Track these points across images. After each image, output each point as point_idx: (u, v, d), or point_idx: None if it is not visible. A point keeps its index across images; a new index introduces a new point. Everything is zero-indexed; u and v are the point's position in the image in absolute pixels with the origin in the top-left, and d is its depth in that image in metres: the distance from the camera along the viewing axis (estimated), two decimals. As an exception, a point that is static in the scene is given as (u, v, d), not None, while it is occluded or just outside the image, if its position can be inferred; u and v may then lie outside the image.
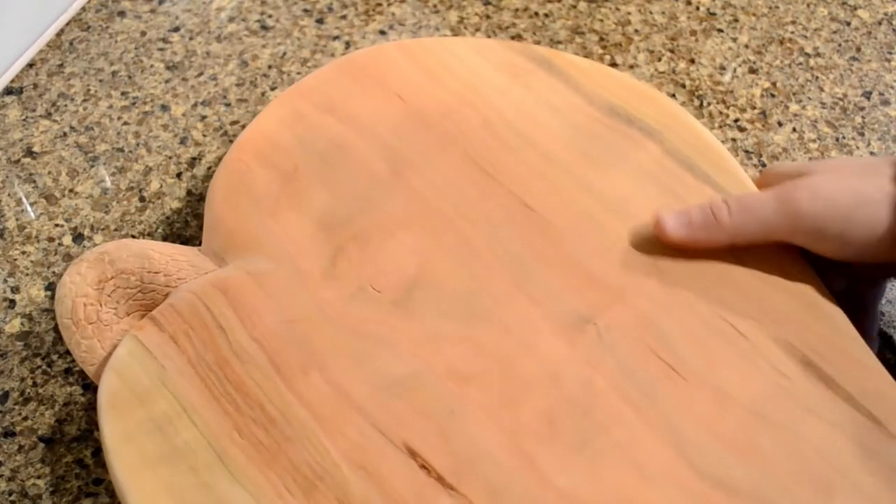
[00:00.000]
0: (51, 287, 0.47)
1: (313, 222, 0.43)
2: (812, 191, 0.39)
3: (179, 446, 0.37)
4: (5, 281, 0.47)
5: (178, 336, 0.39)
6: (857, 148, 0.52)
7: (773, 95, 0.55)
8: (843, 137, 0.53)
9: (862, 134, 0.53)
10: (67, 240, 0.49)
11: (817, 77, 0.57)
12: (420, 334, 0.40)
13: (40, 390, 0.43)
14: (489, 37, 0.58)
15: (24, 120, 0.54)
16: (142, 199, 0.49)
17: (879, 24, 0.60)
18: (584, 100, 0.47)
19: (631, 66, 0.57)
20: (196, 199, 0.51)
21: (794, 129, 0.53)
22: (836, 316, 0.40)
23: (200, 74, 0.56)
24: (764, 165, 0.52)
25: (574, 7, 0.60)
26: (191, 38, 0.58)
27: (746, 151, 0.52)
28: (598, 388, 0.38)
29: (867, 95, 0.56)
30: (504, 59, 0.49)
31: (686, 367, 0.39)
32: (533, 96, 0.48)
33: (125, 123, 0.54)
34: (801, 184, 0.39)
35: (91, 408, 0.43)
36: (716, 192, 0.44)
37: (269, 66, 0.57)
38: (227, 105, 0.55)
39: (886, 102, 0.55)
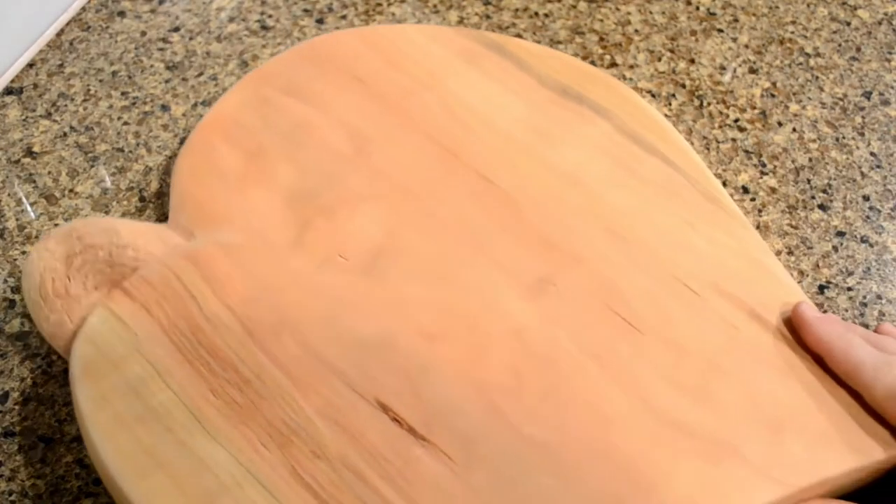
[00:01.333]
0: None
1: (280, 197, 0.44)
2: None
3: (155, 407, 0.37)
4: (5, 281, 0.46)
5: (150, 305, 0.40)
6: (857, 148, 0.53)
7: (773, 95, 0.55)
8: (843, 137, 0.53)
9: (862, 134, 0.53)
10: (69, 240, 0.49)
11: (817, 77, 0.56)
12: (388, 297, 0.41)
13: (40, 390, 0.42)
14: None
15: (24, 120, 0.53)
16: (142, 199, 0.49)
17: (879, 24, 0.60)
18: (537, 81, 0.50)
19: (631, 66, 0.57)
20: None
21: (794, 129, 0.53)
22: (780, 273, 0.43)
23: (200, 74, 0.55)
24: (764, 165, 0.52)
25: (574, 7, 0.61)
26: (191, 38, 0.58)
27: (746, 151, 0.52)
28: (559, 343, 0.40)
29: (867, 95, 0.56)
30: (459, 45, 0.51)
31: (642, 321, 0.41)
32: (488, 79, 0.50)
33: (125, 123, 0.53)
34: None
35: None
36: (664, 163, 0.46)
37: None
38: (228, 105, 0.54)
39: (886, 102, 0.55)
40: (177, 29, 0.59)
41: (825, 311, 0.45)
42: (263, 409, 0.37)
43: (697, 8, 0.61)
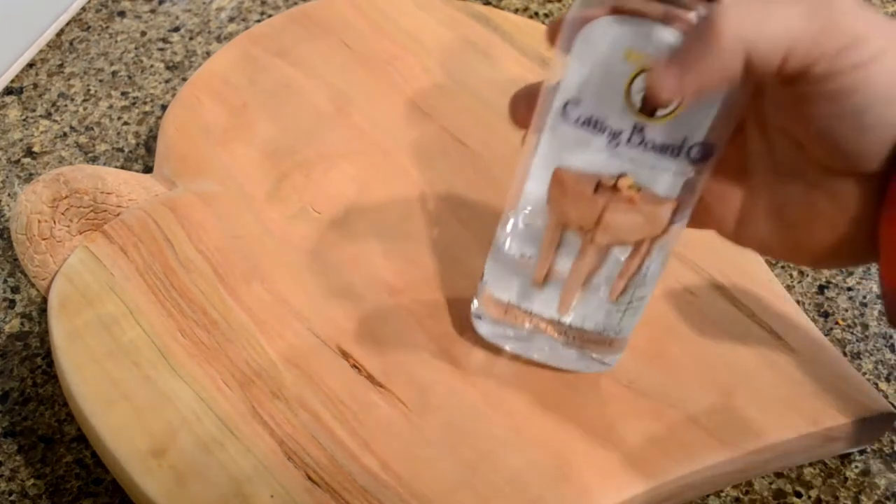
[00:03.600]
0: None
1: (260, 152, 0.46)
2: None
3: (125, 344, 0.39)
4: (5, 281, 0.46)
5: (128, 247, 0.42)
6: None
7: None
8: None
9: None
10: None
11: None
12: (356, 250, 0.42)
13: (40, 390, 0.42)
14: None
15: (24, 120, 0.54)
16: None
17: None
18: (518, 51, 0.51)
19: None
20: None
21: None
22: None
23: (200, 74, 0.56)
24: None
25: None
26: (191, 38, 0.58)
27: None
28: (521, 301, 0.41)
29: None
30: (445, 14, 0.53)
31: (603, 284, 0.42)
32: (471, 48, 0.51)
33: (125, 123, 0.53)
34: None
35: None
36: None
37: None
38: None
39: None
40: (177, 29, 0.59)
41: (825, 312, 0.45)
42: (228, 351, 0.39)
43: None
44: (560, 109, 0.31)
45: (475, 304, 0.38)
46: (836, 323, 0.45)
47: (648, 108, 0.30)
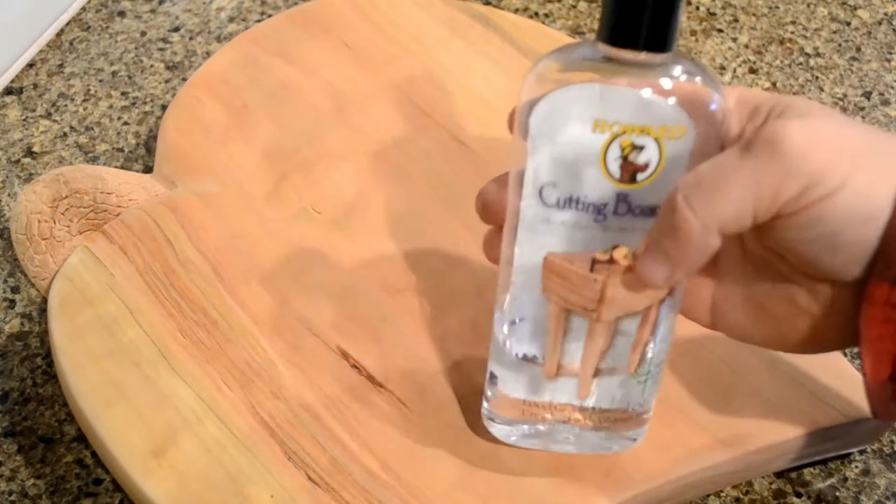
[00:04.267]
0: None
1: (260, 152, 0.46)
2: (803, 122, 0.28)
3: (125, 344, 0.39)
4: (5, 281, 0.46)
5: (128, 247, 0.42)
6: None
7: None
8: None
9: None
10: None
11: (817, 77, 0.56)
12: (356, 251, 0.42)
13: (40, 390, 0.42)
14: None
15: (24, 120, 0.53)
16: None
17: (879, 24, 0.60)
18: (519, 52, 0.51)
19: None
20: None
21: None
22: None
23: (200, 74, 0.56)
24: None
25: (574, 7, 0.61)
26: (191, 38, 0.58)
27: None
28: (520, 301, 0.41)
29: (867, 95, 0.55)
30: (446, 14, 0.53)
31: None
32: (471, 48, 0.51)
33: (125, 123, 0.53)
34: (784, 123, 0.27)
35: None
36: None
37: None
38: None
39: (886, 102, 0.55)
40: (177, 29, 0.59)
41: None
42: (228, 351, 0.39)
43: (697, 8, 0.61)
44: (536, 195, 0.30)
45: (486, 405, 0.35)
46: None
47: (628, 174, 0.29)
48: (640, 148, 0.28)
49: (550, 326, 0.32)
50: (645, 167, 0.29)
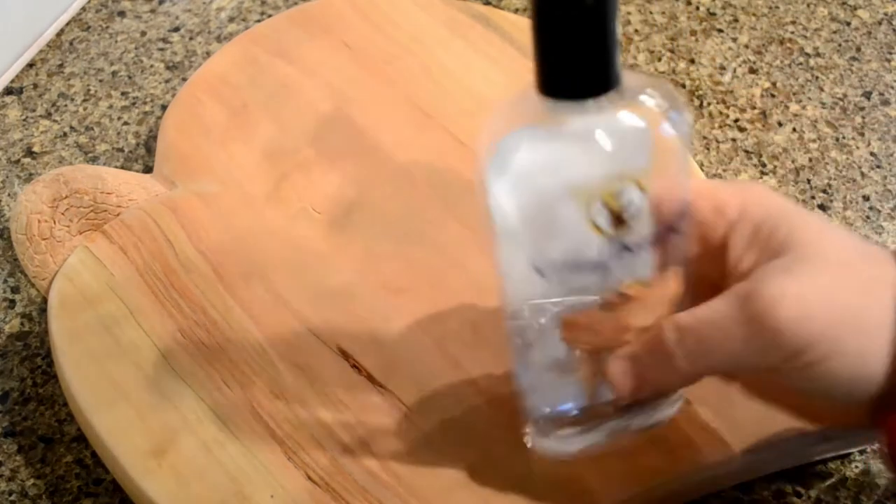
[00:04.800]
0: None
1: (260, 152, 0.46)
2: (797, 286, 0.28)
3: (125, 344, 0.39)
4: (5, 281, 0.46)
5: (128, 248, 0.42)
6: (857, 148, 0.52)
7: (773, 95, 0.55)
8: (843, 137, 0.52)
9: (862, 134, 0.53)
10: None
11: (817, 77, 0.56)
12: (357, 251, 0.42)
13: (40, 390, 0.42)
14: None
15: (24, 120, 0.54)
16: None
17: (879, 24, 0.59)
18: (519, 52, 0.51)
19: (631, 66, 0.56)
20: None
21: (794, 129, 0.53)
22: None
23: (200, 74, 0.55)
24: (764, 165, 0.51)
25: None
26: (191, 38, 0.58)
27: (746, 151, 0.52)
28: (520, 301, 0.41)
29: (867, 95, 0.55)
30: (445, 14, 0.53)
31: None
32: (471, 48, 0.51)
33: (125, 123, 0.53)
34: (777, 287, 0.28)
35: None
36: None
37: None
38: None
39: (886, 102, 0.54)
40: (177, 29, 0.59)
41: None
42: (229, 351, 0.39)
43: (697, 8, 0.60)
44: (534, 272, 0.30)
45: (531, 431, 0.36)
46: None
47: (618, 222, 0.28)
48: (621, 192, 0.28)
49: (584, 371, 0.33)
50: (631, 206, 0.28)
